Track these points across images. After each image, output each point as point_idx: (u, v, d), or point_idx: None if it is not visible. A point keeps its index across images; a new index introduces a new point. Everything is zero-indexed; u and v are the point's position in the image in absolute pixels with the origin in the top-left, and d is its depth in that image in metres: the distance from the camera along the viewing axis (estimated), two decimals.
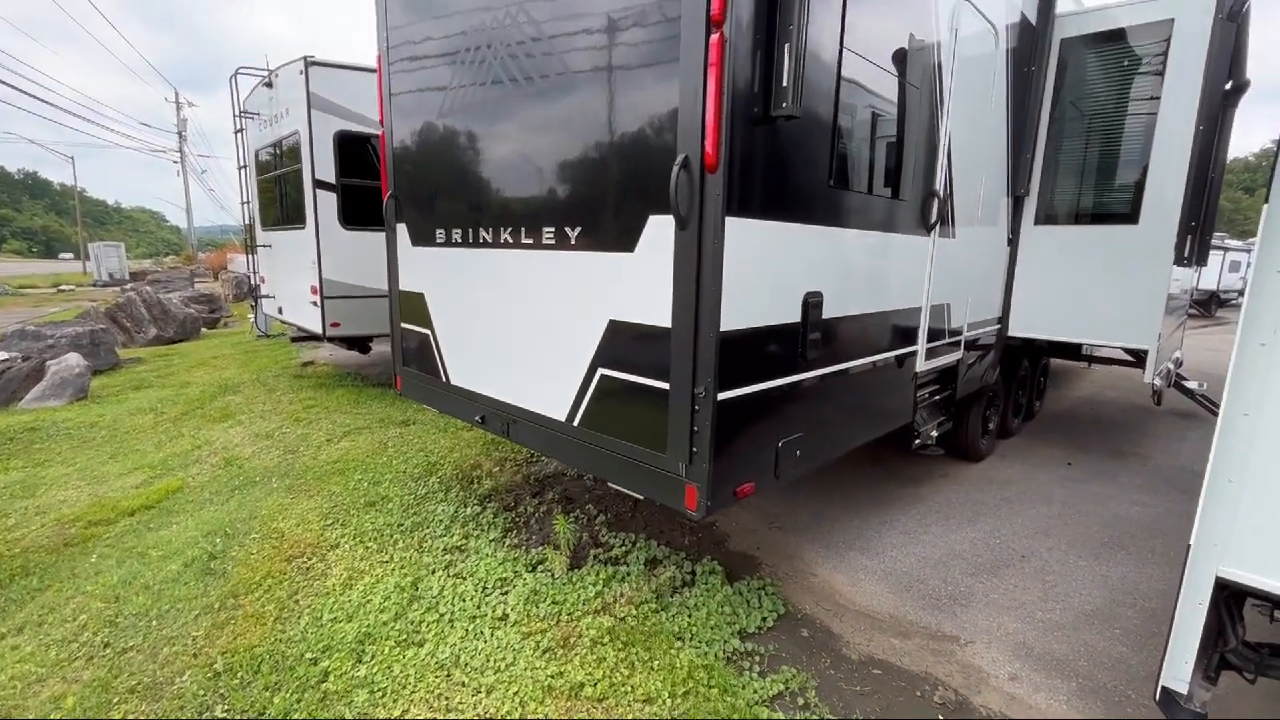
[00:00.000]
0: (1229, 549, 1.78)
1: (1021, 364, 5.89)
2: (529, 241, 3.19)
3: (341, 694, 2.62)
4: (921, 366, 3.95)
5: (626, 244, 2.69)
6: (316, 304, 7.02)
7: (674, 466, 2.62)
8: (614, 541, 3.82)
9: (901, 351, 3.75)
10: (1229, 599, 1.93)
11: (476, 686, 2.66)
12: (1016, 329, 5.06)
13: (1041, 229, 4.88)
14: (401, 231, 4.18)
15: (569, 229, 2.97)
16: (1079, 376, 9.16)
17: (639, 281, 2.66)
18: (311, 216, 6.86)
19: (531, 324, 3.31)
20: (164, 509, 4.33)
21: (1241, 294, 2.60)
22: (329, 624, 3.06)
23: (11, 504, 4.36)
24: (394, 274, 4.34)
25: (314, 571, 3.53)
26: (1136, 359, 5.01)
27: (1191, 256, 4.53)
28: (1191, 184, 4.16)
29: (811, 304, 2.83)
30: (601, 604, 3.19)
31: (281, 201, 7.94)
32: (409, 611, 3.15)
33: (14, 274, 33.71)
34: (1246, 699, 2.60)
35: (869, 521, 4.28)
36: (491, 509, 4.25)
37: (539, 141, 3.12)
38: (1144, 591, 3.51)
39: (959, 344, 4.40)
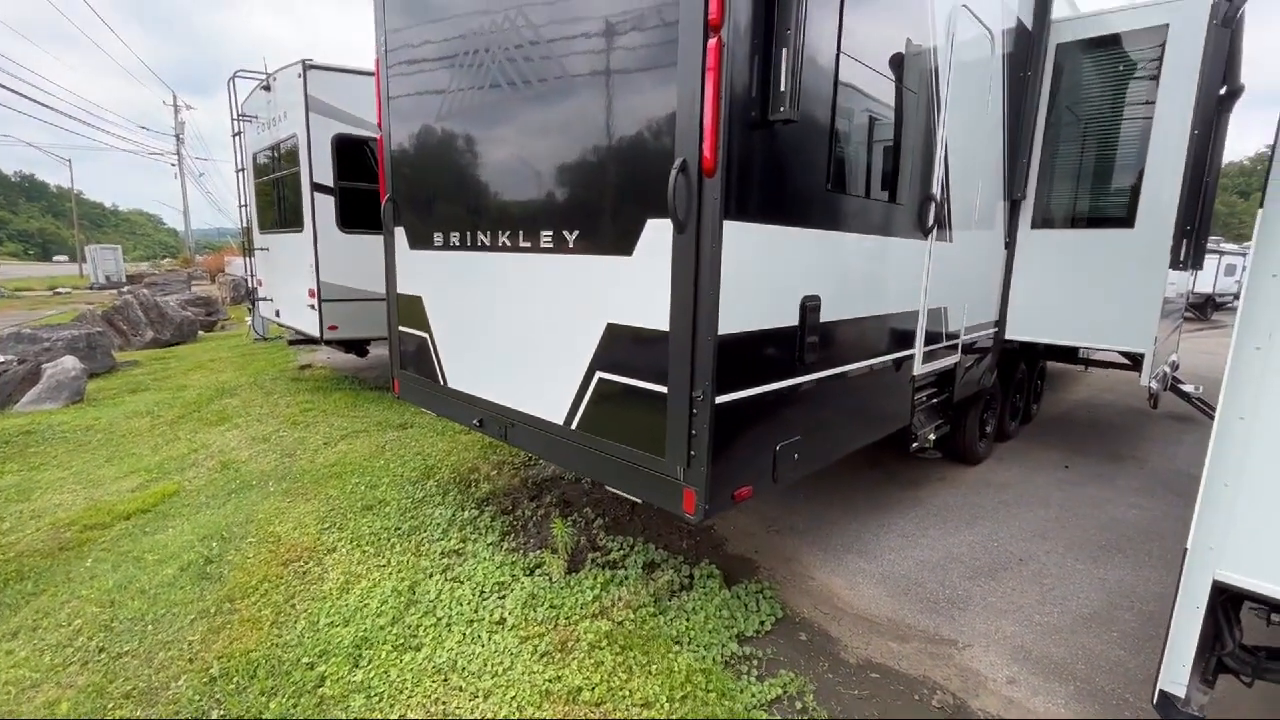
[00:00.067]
0: (1226, 552, 1.79)
1: (1019, 367, 5.91)
2: (527, 245, 3.19)
3: (338, 698, 2.61)
4: (919, 370, 3.96)
5: (624, 247, 2.70)
6: (314, 307, 7.01)
7: (672, 470, 2.61)
8: (612, 545, 3.82)
9: (899, 355, 3.76)
10: (1226, 602, 1.93)
11: (474, 691, 2.65)
12: (1013, 332, 5.08)
13: (1038, 233, 4.90)
14: (399, 235, 4.18)
15: (567, 232, 2.98)
16: (1076, 380, 9.18)
17: (637, 285, 2.67)
18: (309, 219, 6.85)
19: (529, 327, 3.31)
20: (160, 513, 4.32)
21: (1237, 297, 2.61)
22: (326, 628, 3.04)
23: (6, 508, 4.34)
24: (392, 277, 4.34)
25: (311, 576, 3.52)
26: (1133, 362, 5.03)
27: (1187, 260, 4.55)
28: (1187, 188, 4.17)
29: (809, 307, 2.84)
30: (599, 608, 3.18)
31: (279, 204, 7.93)
32: (406, 615, 3.14)
33: (10, 277, 33.64)
34: (1244, 702, 2.60)
35: (867, 525, 4.28)
36: (489, 512, 4.24)
37: (537, 145, 3.12)
38: (1141, 595, 3.51)
39: (956, 347, 4.41)
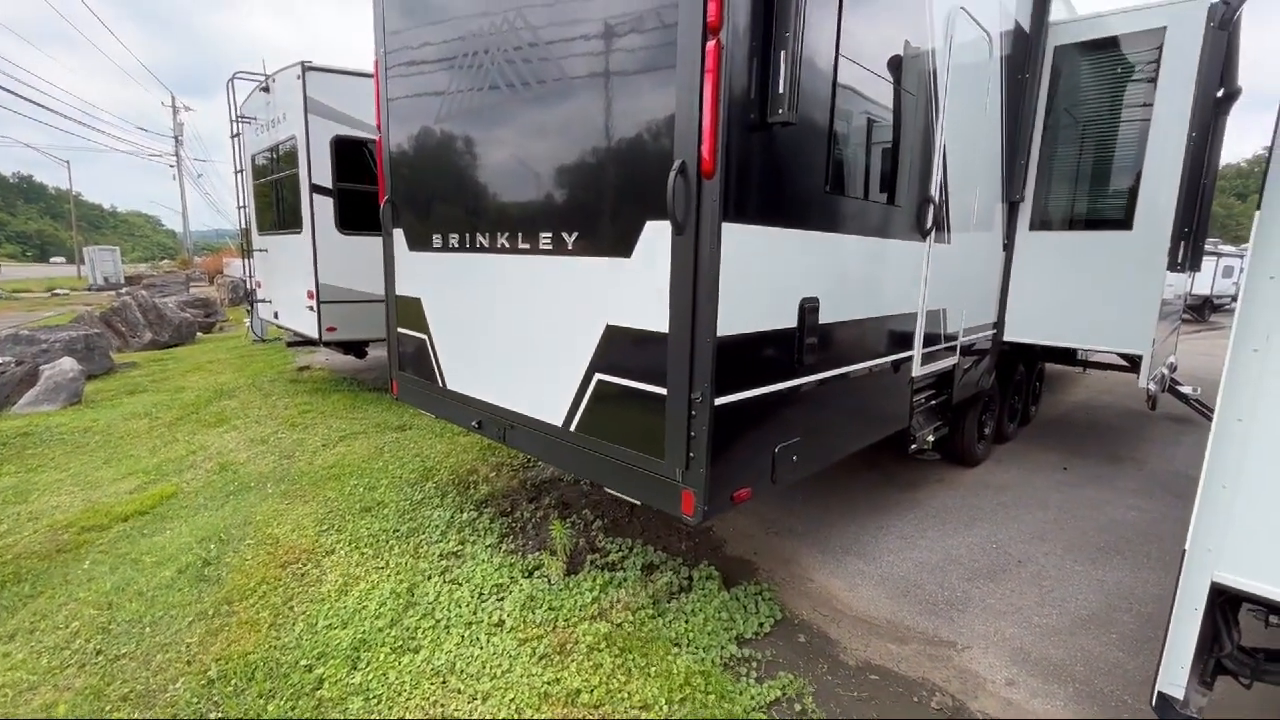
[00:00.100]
0: (1224, 554, 1.79)
1: (1017, 369, 5.92)
2: (526, 246, 3.19)
3: (336, 701, 2.60)
4: (918, 371, 3.97)
5: (623, 249, 2.70)
6: (313, 309, 7.00)
7: (671, 472, 2.61)
8: (611, 547, 3.81)
9: (898, 356, 3.76)
10: (1224, 604, 1.93)
11: (472, 693, 2.64)
12: (1012, 334, 5.08)
13: (1036, 234, 4.90)
14: (398, 236, 4.18)
15: (566, 234, 2.98)
16: (1074, 381, 9.19)
17: (636, 287, 2.67)
18: (308, 221, 6.85)
19: (528, 329, 3.31)
20: (158, 515, 4.31)
21: (1234, 299, 2.62)
22: (324, 630, 3.04)
23: (4, 510, 4.33)
24: (390, 279, 4.33)
25: (309, 578, 3.52)
26: (1131, 364, 5.04)
27: (1185, 262, 4.55)
28: (1185, 190, 4.18)
29: (808, 309, 2.84)
30: (598, 610, 3.18)
31: (278, 206, 7.93)
32: (404, 618, 3.13)
33: (8, 278, 33.59)
34: (1242, 704, 2.60)
35: (866, 526, 4.28)
36: (488, 514, 4.24)
37: (536, 147, 3.12)
38: (1140, 596, 3.52)
39: (955, 349, 4.41)
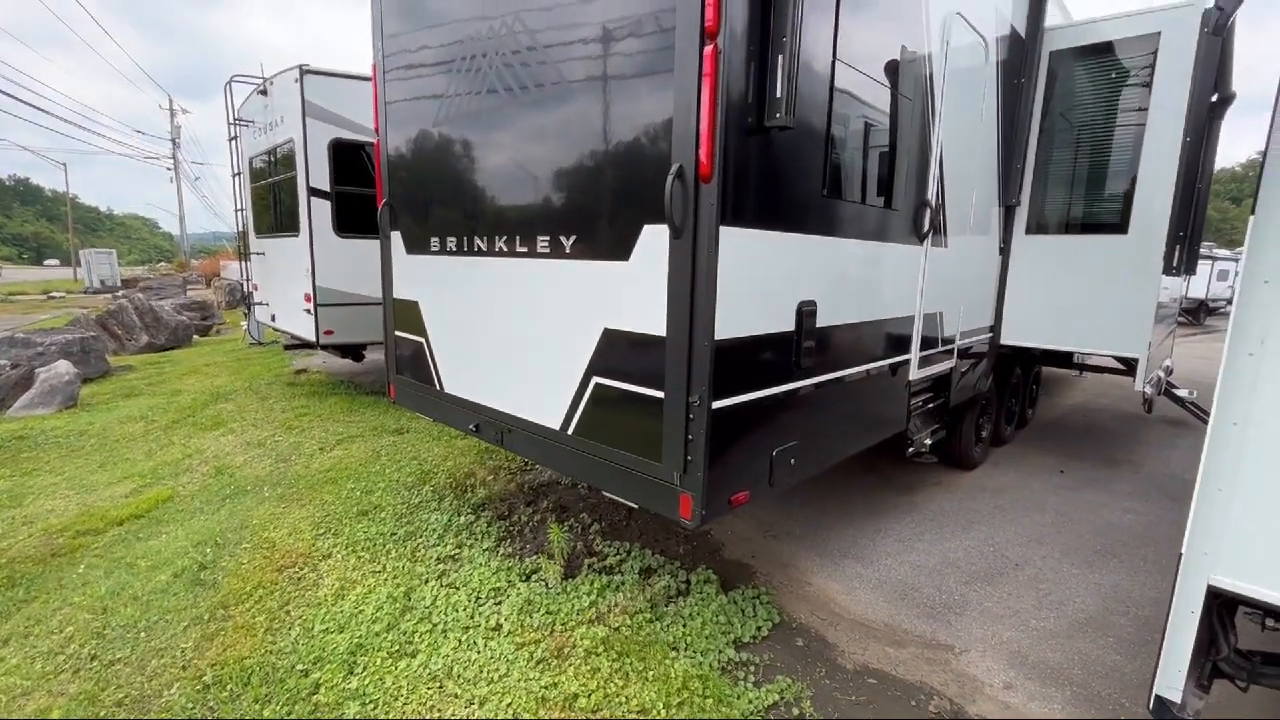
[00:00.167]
0: (1220, 557, 1.79)
1: (1014, 372, 5.93)
2: (524, 250, 3.19)
3: (333, 706, 2.59)
4: (915, 375, 3.97)
5: (621, 253, 2.70)
6: (310, 312, 6.99)
7: (669, 475, 2.61)
8: (608, 550, 3.81)
9: (895, 360, 3.77)
10: (1221, 607, 1.94)
11: (470, 698, 2.63)
12: (1009, 337, 5.10)
13: (1033, 238, 4.92)
14: (396, 239, 4.18)
15: (564, 238, 2.98)
16: (1071, 384, 9.22)
17: (634, 290, 2.67)
18: (306, 224, 6.85)
19: (526, 332, 3.31)
20: (154, 518, 4.29)
21: (1230, 303, 2.63)
22: (320, 635, 3.03)
23: None
24: (388, 282, 4.33)
25: (305, 582, 3.50)
26: (1127, 367, 5.05)
27: (1180, 265, 4.57)
28: (1179, 194, 4.20)
29: (805, 312, 2.85)
30: (596, 614, 3.17)
31: (276, 209, 7.92)
32: (401, 622, 3.12)
33: (3, 281, 33.45)
34: (1240, 708, 2.60)
35: (864, 530, 4.29)
36: (485, 518, 4.23)
37: (534, 150, 3.13)
38: (1137, 599, 3.52)
39: (952, 352, 4.42)
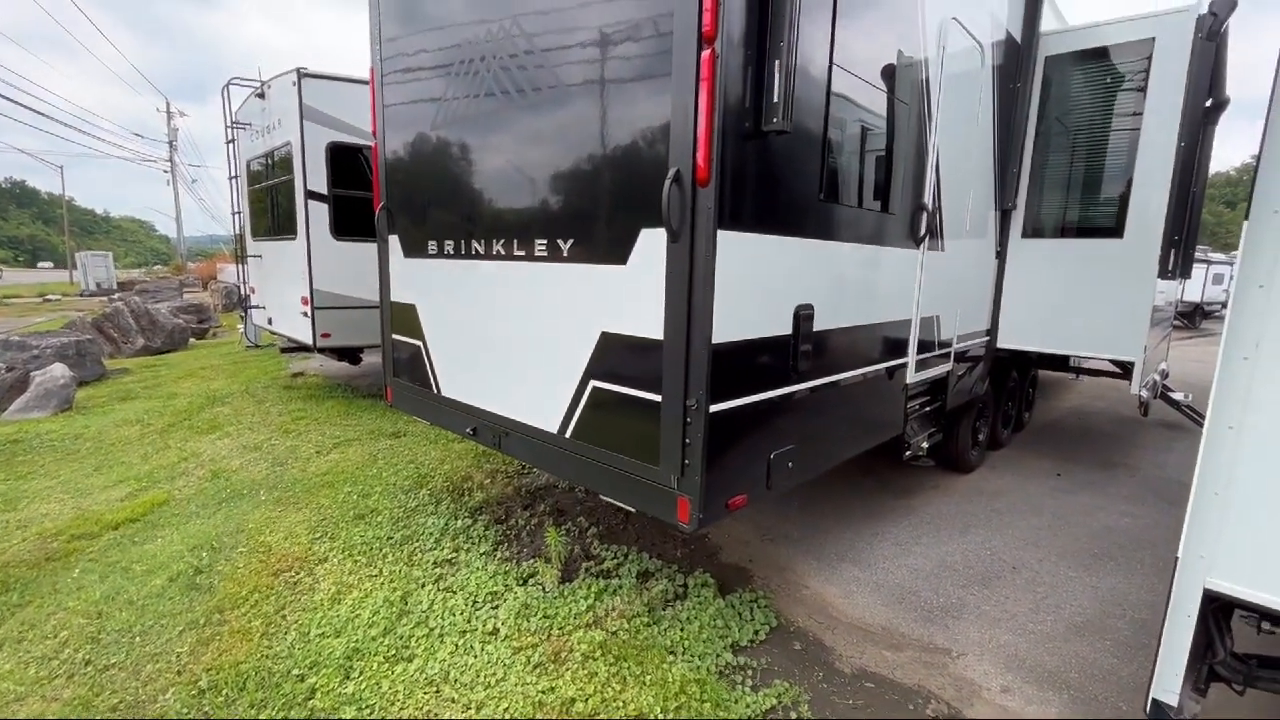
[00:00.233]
0: (1216, 561, 1.80)
1: (1010, 375, 5.94)
2: (521, 253, 3.20)
3: (329, 711, 2.58)
4: (912, 378, 3.98)
5: (619, 256, 2.70)
6: (307, 315, 6.98)
7: (666, 479, 2.61)
8: (606, 554, 3.80)
9: (892, 363, 3.77)
10: (1217, 611, 1.94)
11: (466, 702, 2.63)
12: (1005, 341, 5.11)
13: (1029, 242, 4.94)
14: (393, 243, 4.17)
15: (561, 241, 2.98)
16: (1067, 388, 9.24)
17: (631, 294, 2.67)
18: (303, 227, 6.84)
19: (524, 336, 3.30)
20: (149, 522, 4.27)
21: (1224, 306, 2.64)
22: (316, 639, 3.01)
23: None
24: (385, 285, 4.33)
25: (302, 586, 3.49)
26: (1123, 370, 5.07)
27: (1175, 269, 4.60)
28: (1174, 198, 4.22)
29: (803, 316, 2.85)
30: (593, 618, 3.16)
31: (273, 212, 7.91)
32: (398, 626, 3.11)
33: (2, 283, 33.32)
34: (1236, 711, 2.60)
35: (861, 533, 4.29)
36: (482, 522, 4.22)
37: (532, 154, 3.13)
38: (1133, 602, 3.53)
39: (949, 356, 4.43)
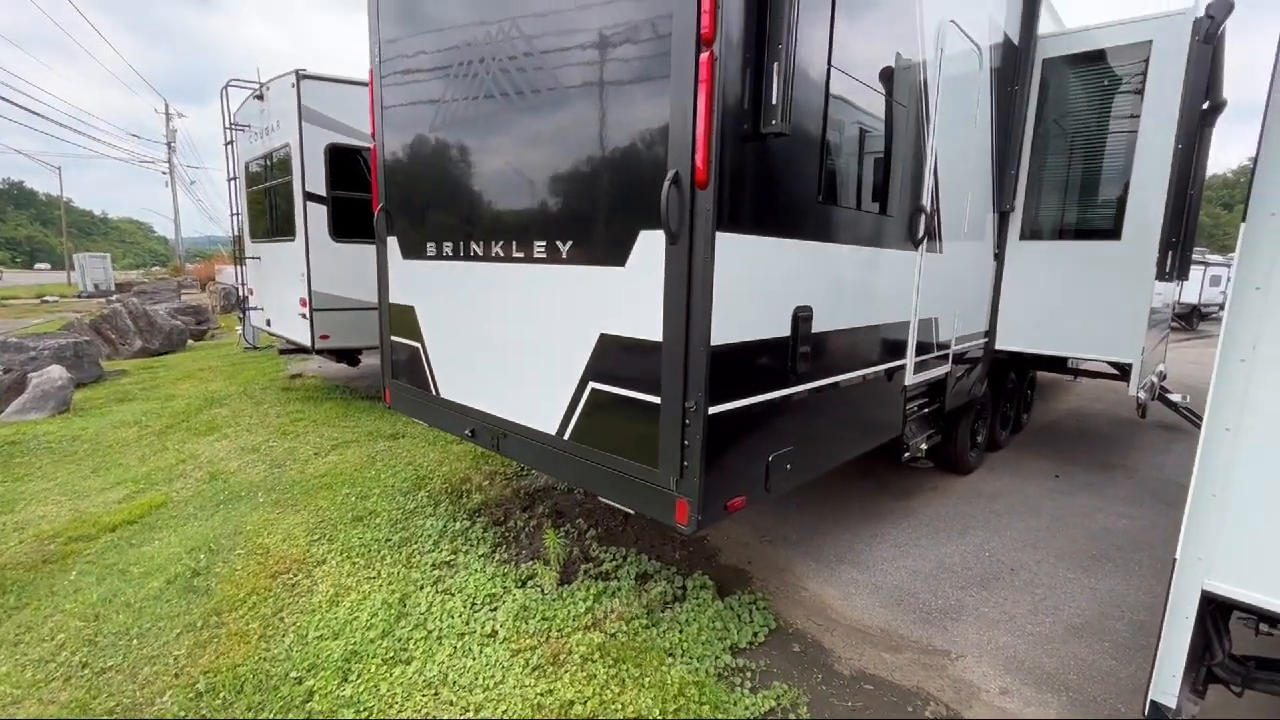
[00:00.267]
0: (1214, 562, 1.80)
1: (1009, 377, 5.95)
2: (520, 255, 3.20)
3: (327, 713, 2.57)
4: (910, 380, 3.98)
5: (618, 258, 2.70)
6: (305, 316, 6.97)
7: (665, 481, 2.61)
8: (604, 556, 3.80)
9: (890, 365, 3.77)
10: (1215, 612, 1.94)
11: (465, 705, 2.62)
12: (1003, 342, 5.12)
13: (1027, 244, 4.95)
14: (392, 244, 4.17)
15: (560, 243, 2.98)
16: (1065, 389, 9.25)
17: (630, 295, 2.67)
18: (301, 228, 6.83)
19: (522, 337, 3.30)
20: (146, 524, 4.26)
21: (1222, 308, 2.65)
22: (314, 642, 3.01)
23: None
24: (384, 287, 4.32)
25: (300, 588, 3.48)
26: (1121, 372, 5.08)
27: (1173, 271, 4.61)
28: (1172, 200, 4.23)
29: (801, 318, 2.85)
30: (592, 620, 3.16)
31: (271, 213, 7.91)
32: (396, 628, 3.11)
33: (1, 284, 33.24)
34: (1235, 712, 2.61)
35: (860, 535, 4.29)
36: (481, 523, 4.22)
37: (531, 155, 3.13)
38: (1132, 604, 3.53)
39: (947, 357, 4.44)
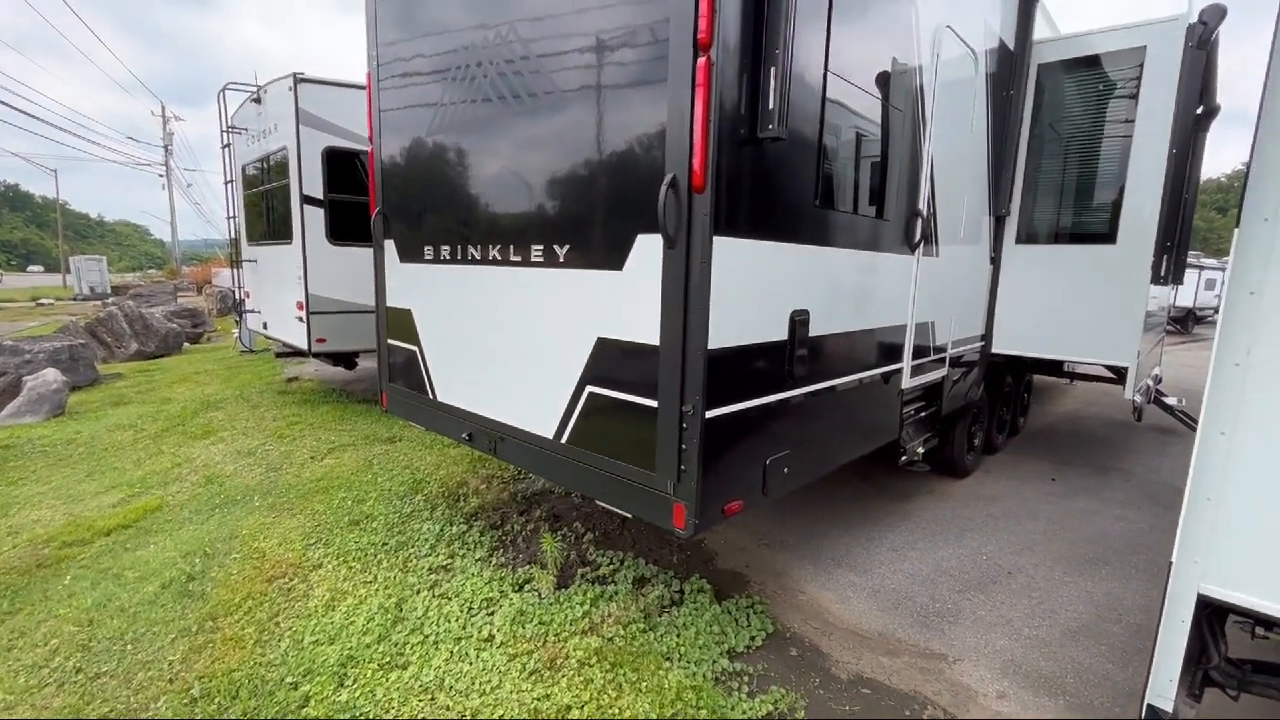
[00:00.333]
0: (1210, 566, 1.81)
1: (1005, 380, 5.96)
2: (518, 259, 3.20)
3: (323, 719, 2.56)
4: (907, 383, 3.99)
5: (615, 262, 2.70)
6: (302, 319, 6.96)
7: (662, 484, 2.61)
8: (602, 560, 3.79)
9: (887, 368, 3.78)
10: (1211, 616, 1.95)
11: (461, 710, 2.61)
12: (1000, 346, 5.13)
13: (1023, 248, 4.97)
14: (389, 247, 4.17)
15: (558, 247, 2.98)
16: (1062, 393, 9.28)
17: (627, 299, 2.67)
18: (298, 231, 6.82)
19: (520, 341, 3.30)
20: (142, 528, 4.24)
21: (1217, 311, 2.66)
22: (310, 647, 2.99)
23: None
24: (381, 290, 4.32)
25: (296, 593, 3.47)
26: (1117, 375, 5.09)
27: (1168, 275, 4.62)
28: (1166, 204, 4.25)
29: (798, 322, 2.86)
30: (589, 624, 3.15)
31: (268, 216, 7.90)
32: (393, 633, 3.09)
33: (1, 287, 33.11)
34: (1232, 715, 2.61)
35: (857, 538, 4.29)
36: (478, 527, 4.21)
37: (528, 159, 3.14)
38: (1128, 607, 3.53)
39: (944, 361, 4.45)
